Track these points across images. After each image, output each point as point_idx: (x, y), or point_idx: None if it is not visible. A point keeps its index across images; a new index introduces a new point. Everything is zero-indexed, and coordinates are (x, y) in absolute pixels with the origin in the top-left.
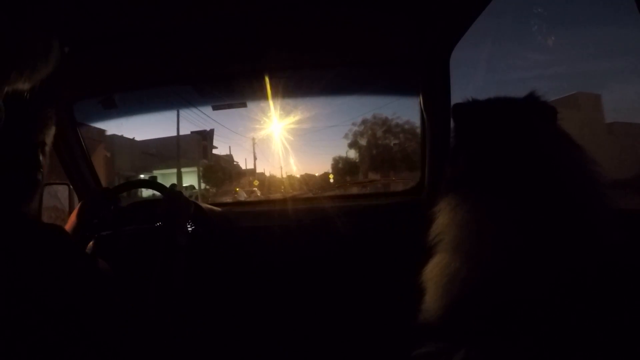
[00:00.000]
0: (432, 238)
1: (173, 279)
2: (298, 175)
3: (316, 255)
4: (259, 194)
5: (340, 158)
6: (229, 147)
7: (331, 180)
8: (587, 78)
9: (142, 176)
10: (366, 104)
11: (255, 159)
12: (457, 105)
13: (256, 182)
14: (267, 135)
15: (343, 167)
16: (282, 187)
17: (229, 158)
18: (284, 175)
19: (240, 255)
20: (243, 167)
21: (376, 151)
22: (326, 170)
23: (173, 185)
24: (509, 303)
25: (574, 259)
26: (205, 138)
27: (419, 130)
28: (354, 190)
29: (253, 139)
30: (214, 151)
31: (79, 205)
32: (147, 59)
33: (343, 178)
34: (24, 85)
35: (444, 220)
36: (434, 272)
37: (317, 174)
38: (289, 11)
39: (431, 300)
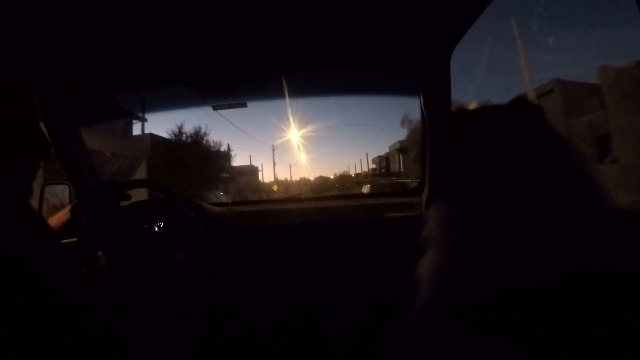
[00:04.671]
0: (426, 235)
1: (166, 292)
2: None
3: (316, 256)
4: None
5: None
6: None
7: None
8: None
9: None
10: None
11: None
12: (449, 112)
13: None
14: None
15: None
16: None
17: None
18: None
19: (241, 255)
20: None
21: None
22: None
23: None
24: (493, 297)
25: (567, 258)
26: None
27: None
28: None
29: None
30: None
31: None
32: (148, 59)
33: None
34: None
35: (437, 219)
36: (424, 266)
37: (332, 176)
38: (289, 11)
39: (420, 292)
